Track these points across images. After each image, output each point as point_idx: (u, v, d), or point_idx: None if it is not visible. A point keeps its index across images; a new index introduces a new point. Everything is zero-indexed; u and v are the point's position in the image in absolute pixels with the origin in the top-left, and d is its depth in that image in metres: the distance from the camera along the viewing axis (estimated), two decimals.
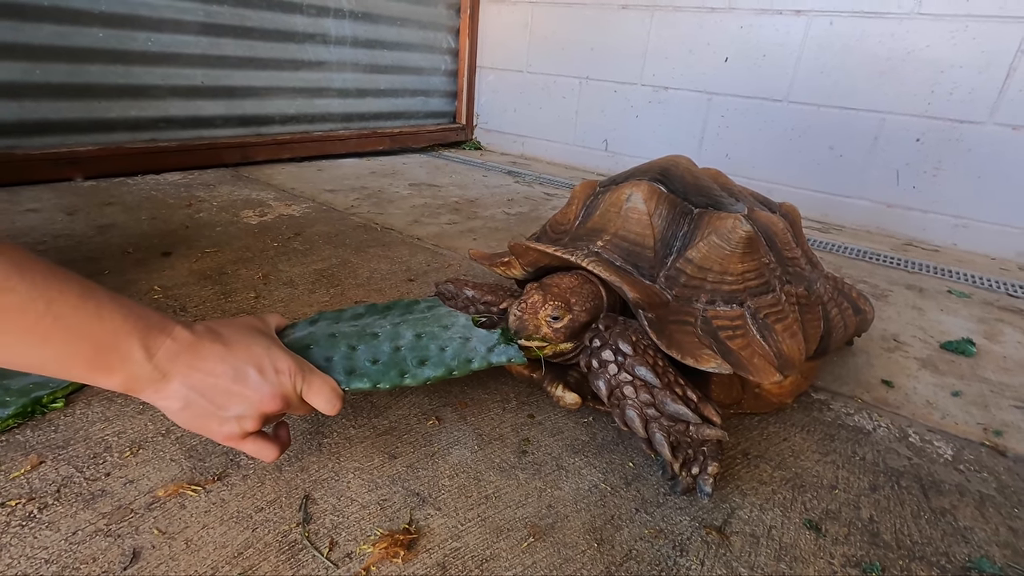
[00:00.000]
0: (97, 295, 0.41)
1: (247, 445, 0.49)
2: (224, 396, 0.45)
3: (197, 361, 0.44)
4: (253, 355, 0.46)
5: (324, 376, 0.51)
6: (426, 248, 1.27)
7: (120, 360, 0.41)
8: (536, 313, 0.59)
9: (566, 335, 0.61)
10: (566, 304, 0.59)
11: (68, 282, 0.39)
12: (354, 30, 2.10)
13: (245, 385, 0.45)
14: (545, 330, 0.60)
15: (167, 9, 1.58)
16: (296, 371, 0.48)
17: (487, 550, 0.50)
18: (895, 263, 1.51)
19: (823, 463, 0.67)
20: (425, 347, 0.58)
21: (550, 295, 0.60)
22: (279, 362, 0.48)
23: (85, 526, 0.49)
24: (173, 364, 0.43)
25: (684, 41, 2.05)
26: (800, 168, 1.91)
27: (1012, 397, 0.87)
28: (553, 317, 0.59)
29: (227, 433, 0.47)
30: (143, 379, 0.42)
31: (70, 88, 1.45)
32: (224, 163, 1.82)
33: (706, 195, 0.71)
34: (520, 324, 0.59)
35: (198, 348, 0.44)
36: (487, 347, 0.60)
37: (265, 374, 0.46)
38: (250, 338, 0.48)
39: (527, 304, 0.59)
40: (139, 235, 1.17)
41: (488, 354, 0.59)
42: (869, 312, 0.89)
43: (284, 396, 0.47)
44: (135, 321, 0.42)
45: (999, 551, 0.56)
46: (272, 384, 0.46)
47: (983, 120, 1.59)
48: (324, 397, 0.50)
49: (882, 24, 1.66)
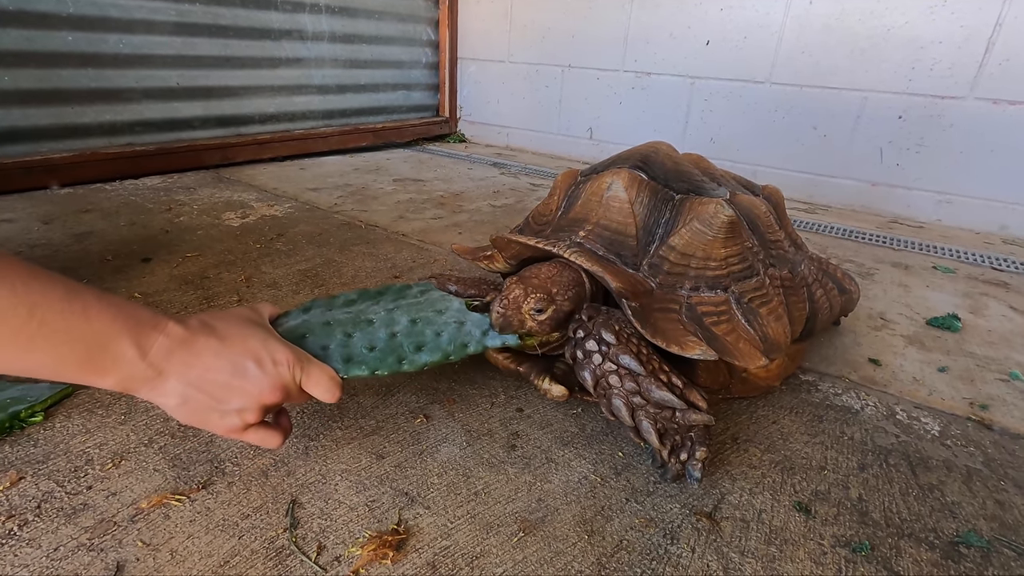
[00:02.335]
0: (83, 295, 0.39)
1: (249, 435, 0.49)
2: (223, 390, 0.45)
3: (192, 357, 0.43)
4: (250, 348, 0.46)
5: (322, 365, 0.50)
6: (411, 244, 1.26)
7: (113, 361, 0.40)
8: (519, 308, 0.58)
9: (552, 325, 0.60)
10: (548, 295, 0.59)
11: (51, 284, 0.38)
12: (331, 25, 2.07)
13: (244, 378, 0.45)
14: (530, 324, 0.59)
15: (138, 10, 1.55)
16: (294, 361, 0.48)
17: (477, 547, 0.50)
18: (881, 241, 1.52)
19: (812, 444, 0.67)
20: (421, 332, 0.58)
21: (531, 287, 0.59)
22: (277, 353, 0.47)
23: (67, 541, 0.48)
24: (168, 361, 0.43)
25: (665, 26, 2.03)
26: (785, 149, 1.91)
27: (997, 370, 0.87)
28: (537, 310, 0.58)
29: (228, 426, 0.47)
30: (138, 378, 0.42)
31: (40, 94, 1.42)
32: (204, 165, 1.79)
33: (687, 181, 0.70)
34: (504, 321, 0.58)
35: (193, 343, 0.44)
36: (482, 331, 0.60)
37: (263, 366, 0.46)
38: (246, 330, 0.47)
39: (509, 299, 0.58)
40: (118, 241, 1.15)
41: (483, 338, 0.60)
42: (855, 291, 0.89)
43: (283, 387, 0.47)
44: (125, 320, 0.41)
45: (986, 524, 0.57)
46: (271, 376, 0.46)
47: (964, 95, 1.59)
48: (323, 386, 0.50)
49: (861, 2, 1.66)
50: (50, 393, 0.65)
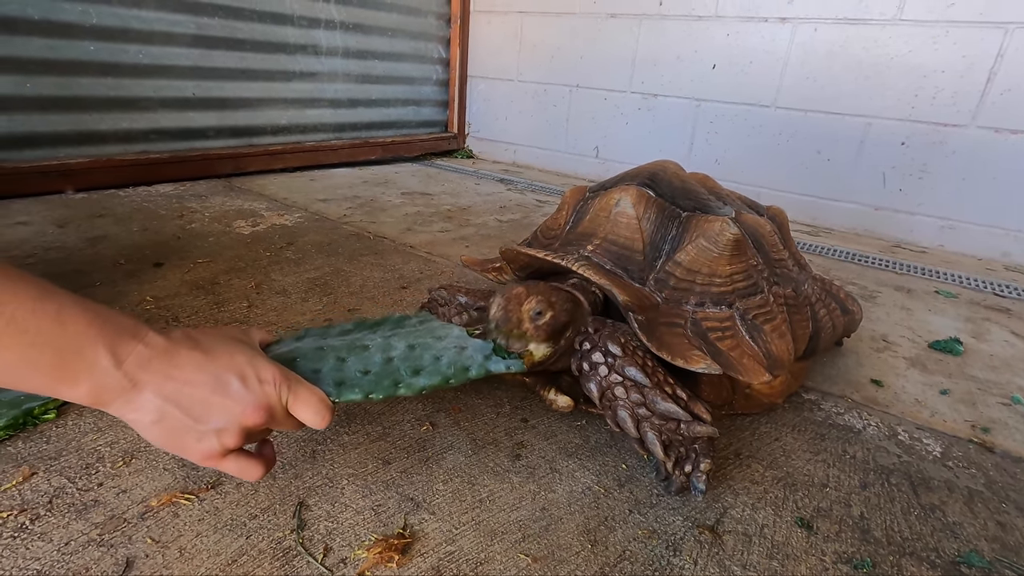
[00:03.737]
0: (57, 297, 0.37)
1: (228, 464, 0.44)
2: (202, 407, 0.41)
3: (172, 369, 0.40)
4: (235, 363, 0.43)
5: (312, 387, 0.47)
6: (419, 256, 1.28)
7: (86, 368, 0.37)
8: (520, 305, 0.59)
9: (547, 333, 0.60)
10: (549, 302, 0.59)
11: (24, 283, 0.36)
12: (345, 41, 2.12)
13: (226, 395, 0.41)
14: (527, 325, 0.58)
15: (158, 22, 1.59)
16: (281, 381, 0.44)
17: (482, 553, 0.51)
18: (883, 265, 1.53)
19: (814, 462, 0.68)
20: (419, 357, 0.55)
21: (533, 291, 0.60)
22: (263, 371, 0.44)
23: (78, 536, 0.49)
24: (145, 372, 0.39)
25: (672, 49, 2.07)
26: (789, 172, 1.93)
27: (999, 394, 0.88)
28: (537, 312, 0.58)
29: (205, 450, 0.42)
30: (111, 388, 0.38)
31: (60, 101, 1.45)
32: (216, 174, 1.82)
33: (694, 199, 0.72)
34: (504, 315, 0.58)
35: (174, 355, 0.41)
36: (484, 355, 0.58)
37: (248, 383, 0.42)
38: (231, 346, 0.44)
39: (512, 295, 0.58)
40: (130, 246, 1.17)
41: (485, 362, 0.57)
42: (857, 312, 0.90)
43: (268, 407, 0.43)
44: (101, 325, 0.38)
45: (988, 545, 0.57)
46: (255, 394, 0.42)
47: (966, 123, 1.62)
48: (312, 408, 0.46)
49: (865, 30, 1.69)
50: None
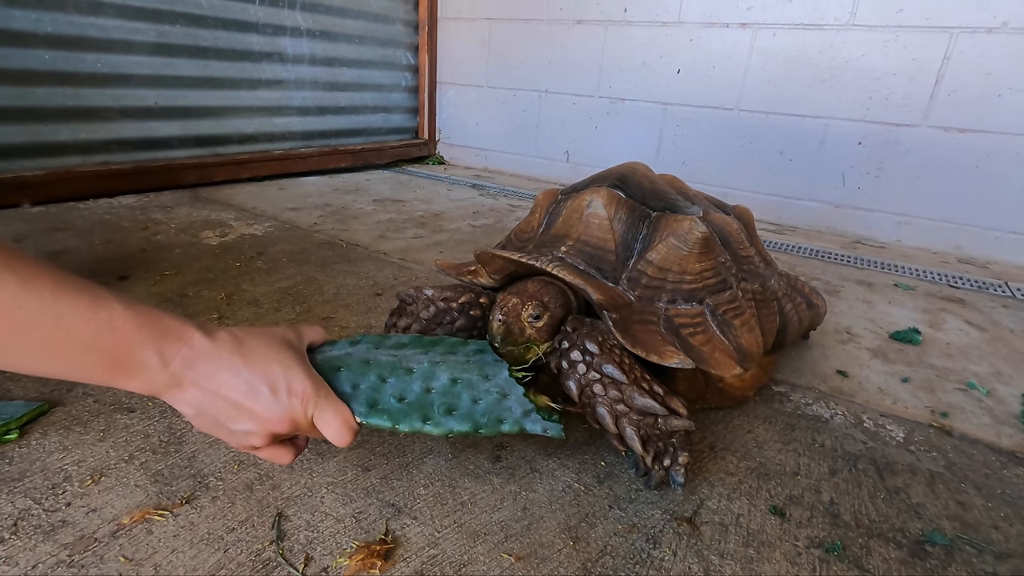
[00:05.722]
0: (108, 304, 0.40)
1: (259, 453, 0.49)
2: (233, 410, 0.44)
3: (212, 372, 0.44)
4: (269, 372, 0.45)
5: (338, 406, 0.48)
6: (392, 262, 1.27)
7: (137, 368, 0.41)
8: (519, 315, 0.61)
9: (548, 333, 0.63)
10: (542, 303, 0.61)
11: (77, 293, 0.39)
12: (312, 48, 2.10)
13: (255, 402, 0.44)
14: (529, 331, 0.61)
15: (117, 30, 1.55)
16: (311, 396, 0.46)
17: (464, 555, 0.51)
18: (845, 260, 1.59)
19: (785, 451, 0.70)
20: (458, 395, 0.53)
21: (525, 297, 0.61)
22: (294, 383, 0.46)
23: (46, 558, 0.47)
24: (188, 371, 0.43)
25: (637, 54, 2.11)
26: (753, 173, 1.99)
27: (956, 380, 0.92)
28: (534, 317, 0.61)
29: (236, 444, 0.48)
30: (160, 384, 0.43)
31: (14, 111, 1.40)
32: (181, 184, 1.78)
33: (663, 199, 0.73)
34: (506, 328, 0.60)
35: (215, 357, 0.44)
36: (523, 410, 0.55)
37: (277, 394, 0.45)
38: (272, 352, 0.46)
39: (508, 307, 0.61)
40: (93, 260, 1.13)
41: (523, 418, 0.54)
42: (822, 306, 0.93)
43: (292, 420, 0.46)
44: (150, 328, 0.41)
45: (949, 524, 0.60)
46: (283, 407, 0.45)
47: (917, 123, 1.69)
48: (334, 428, 0.48)
49: (821, 35, 1.76)
50: (25, 411, 0.64)
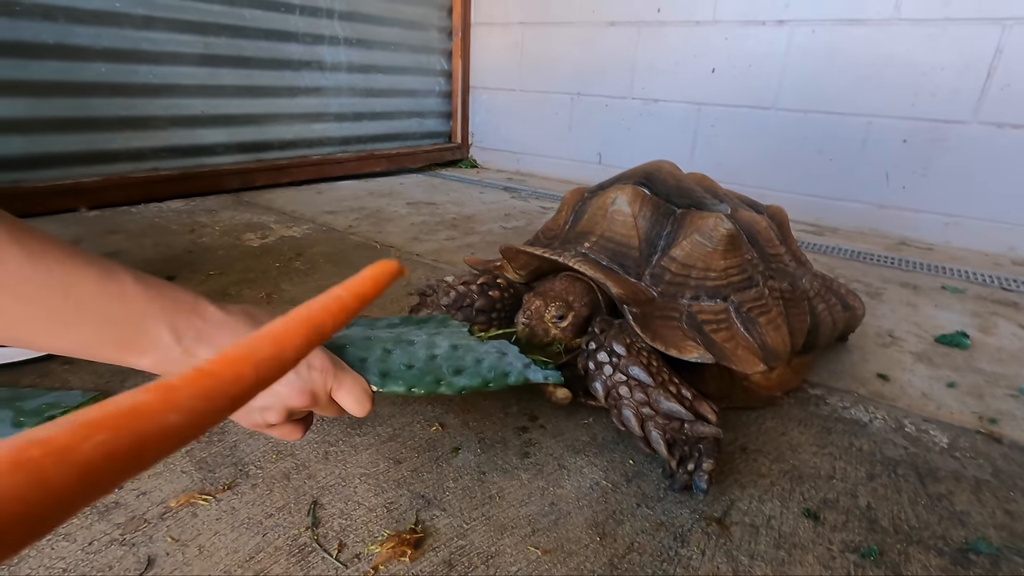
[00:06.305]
0: (120, 276, 0.38)
1: (271, 431, 0.49)
2: None
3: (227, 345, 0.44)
4: None
5: (356, 376, 0.49)
6: (425, 263, 1.29)
7: (150, 343, 0.39)
8: (542, 317, 0.62)
9: (573, 332, 0.63)
10: (566, 303, 0.62)
11: (87, 265, 0.37)
12: (349, 56, 2.16)
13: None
14: (554, 332, 0.62)
15: (167, 43, 1.63)
16: (330, 369, 0.46)
17: (492, 547, 0.52)
18: (889, 262, 1.53)
19: (820, 455, 0.68)
20: (461, 357, 0.56)
21: (549, 298, 0.62)
22: (312, 357, 0.45)
23: (100, 536, 0.50)
24: (202, 347, 0.41)
25: (671, 54, 2.09)
26: (791, 173, 1.94)
27: (1007, 386, 0.88)
28: (558, 317, 0.62)
29: (250, 422, 0.47)
30: (172, 360, 0.41)
31: (74, 122, 1.49)
32: (225, 189, 1.86)
33: (688, 196, 0.73)
34: (531, 331, 0.62)
35: (232, 331, 0.42)
36: (523, 364, 0.58)
37: (298, 368, 0.44)
38: None
39: (531, 310, 0.62)
40: (143, 261, 1.19)
41: (525, 370, 0.58)
42: (859, 308, 0.91)
43: (312, 393, 0.45)
44: (162, 302, 0.40)
45: (996, 533, 0.57)
46: (303, 379, 0.45)
47: (967, 120, 1.62)
48: (354, 396, 0.48)
49: (863, 30, 1.71)
50: (83, 399, 0.68)
